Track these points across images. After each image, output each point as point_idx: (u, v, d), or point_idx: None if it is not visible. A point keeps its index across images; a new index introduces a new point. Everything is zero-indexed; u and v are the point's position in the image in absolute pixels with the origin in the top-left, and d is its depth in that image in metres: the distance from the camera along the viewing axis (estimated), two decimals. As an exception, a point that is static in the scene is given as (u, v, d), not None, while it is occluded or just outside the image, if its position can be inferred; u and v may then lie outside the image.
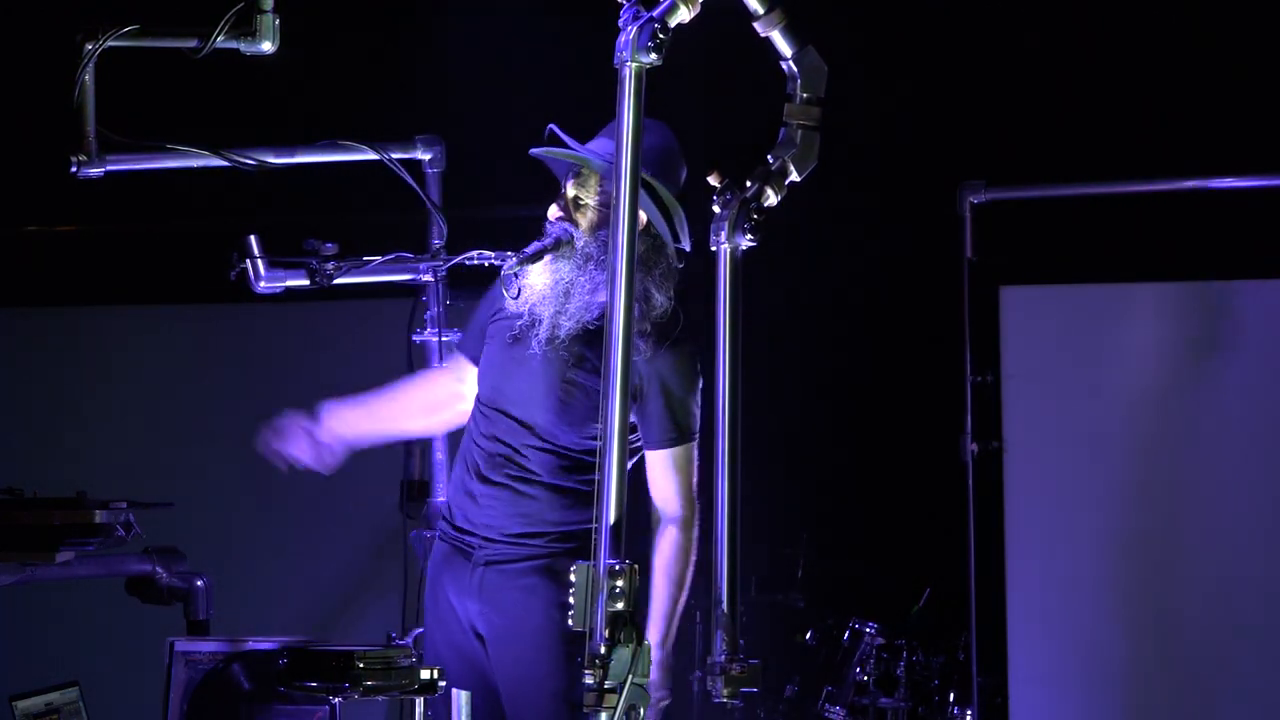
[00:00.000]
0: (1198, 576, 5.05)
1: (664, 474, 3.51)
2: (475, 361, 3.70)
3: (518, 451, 3.52)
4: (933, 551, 5.71)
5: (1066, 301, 5.27)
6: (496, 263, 3.63)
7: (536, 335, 3.51)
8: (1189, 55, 5.54)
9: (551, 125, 3.54)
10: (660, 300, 3.48)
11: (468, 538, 3.55)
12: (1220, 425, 5.09)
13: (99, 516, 3.90)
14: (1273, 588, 5.00)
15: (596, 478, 2.66)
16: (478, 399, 3.64)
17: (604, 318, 2.69)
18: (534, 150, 3.56)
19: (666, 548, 3.49)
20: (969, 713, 5.37)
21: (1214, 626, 5.02)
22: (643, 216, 3.39)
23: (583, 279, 3.50)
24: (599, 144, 3.53)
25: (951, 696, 5.61)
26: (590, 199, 3.54)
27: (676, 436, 3.50)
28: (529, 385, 3.52)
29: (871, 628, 5.70)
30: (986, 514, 5.15)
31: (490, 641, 3.53)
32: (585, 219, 3.54)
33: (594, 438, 3.37)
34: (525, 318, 3.53)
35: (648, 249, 3.46)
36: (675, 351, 3.50)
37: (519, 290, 3.53)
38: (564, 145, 3.54)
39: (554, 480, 3.51)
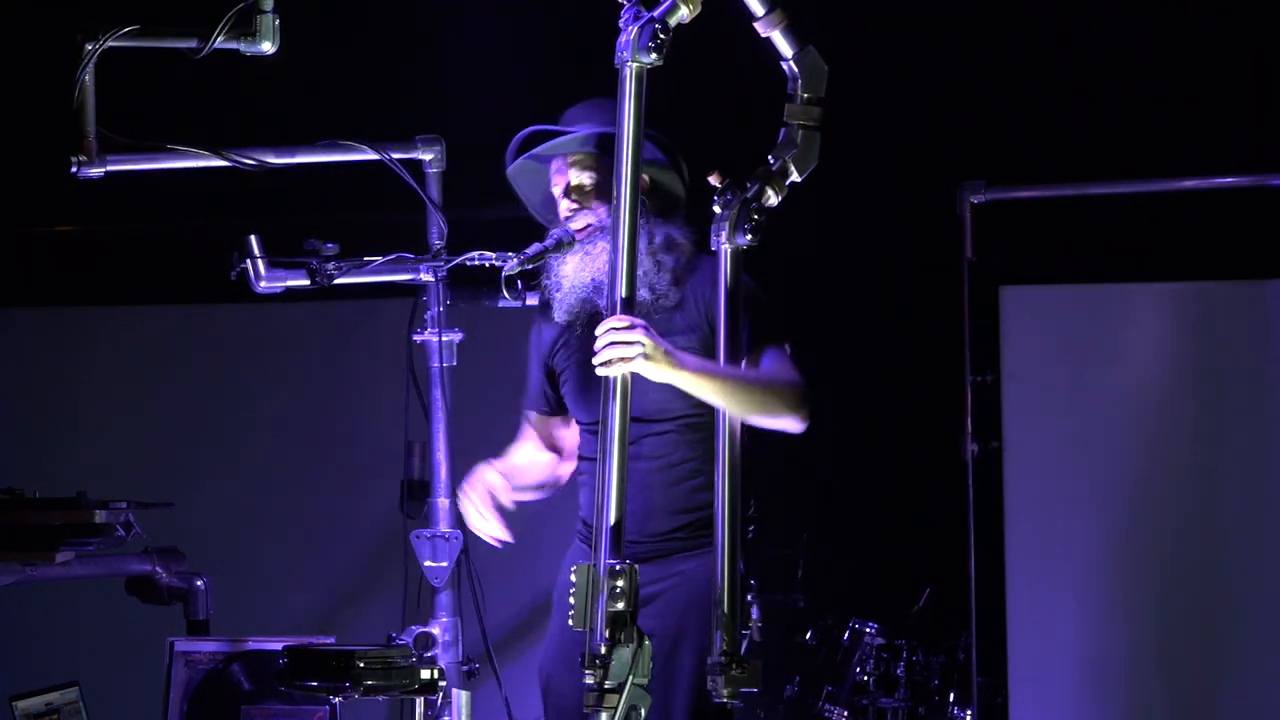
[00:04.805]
0: (1197, 576, 5.05)
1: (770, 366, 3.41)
2: (551, 411, 3.70)
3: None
4: (933, 551, 5.71)
5: (1066, 301, 5.27)
6: (497, 263, 3.62)
7: None
8: (1189, 55, 5.53)
9: (528, 130, 3.55)
10: (681, 237, 3.50)
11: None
12: (1219, 425, 5.09)
13: (99, 516, 3.91)
14: (1272, 587, 5.00)
15: (598, 476, 2.66)
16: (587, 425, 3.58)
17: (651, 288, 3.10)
18: (527, 154, 3.56)
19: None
20: (969, 713, 5.37)
21: (1213, 627, 5.02)
22: (645, 178, 3.40)
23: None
24: (575, 124, 3.54)
25: (951, 696, 5.60)
26: (593, 179, 3.54)
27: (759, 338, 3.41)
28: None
29: (871, 628, 5.69)
30: (986, 514, 5.15)
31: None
32: (600, 199, 3.54)
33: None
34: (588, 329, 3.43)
35: (660, 201, 3.49)
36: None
37: (563, 305, 3.52)
38: (543, 142, 3.53)
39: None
